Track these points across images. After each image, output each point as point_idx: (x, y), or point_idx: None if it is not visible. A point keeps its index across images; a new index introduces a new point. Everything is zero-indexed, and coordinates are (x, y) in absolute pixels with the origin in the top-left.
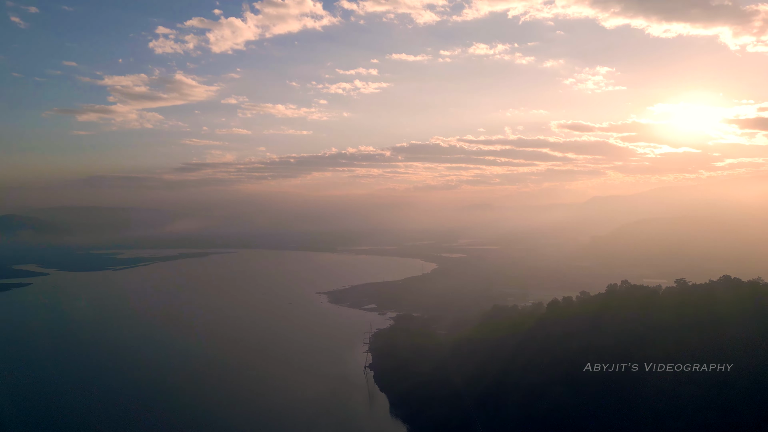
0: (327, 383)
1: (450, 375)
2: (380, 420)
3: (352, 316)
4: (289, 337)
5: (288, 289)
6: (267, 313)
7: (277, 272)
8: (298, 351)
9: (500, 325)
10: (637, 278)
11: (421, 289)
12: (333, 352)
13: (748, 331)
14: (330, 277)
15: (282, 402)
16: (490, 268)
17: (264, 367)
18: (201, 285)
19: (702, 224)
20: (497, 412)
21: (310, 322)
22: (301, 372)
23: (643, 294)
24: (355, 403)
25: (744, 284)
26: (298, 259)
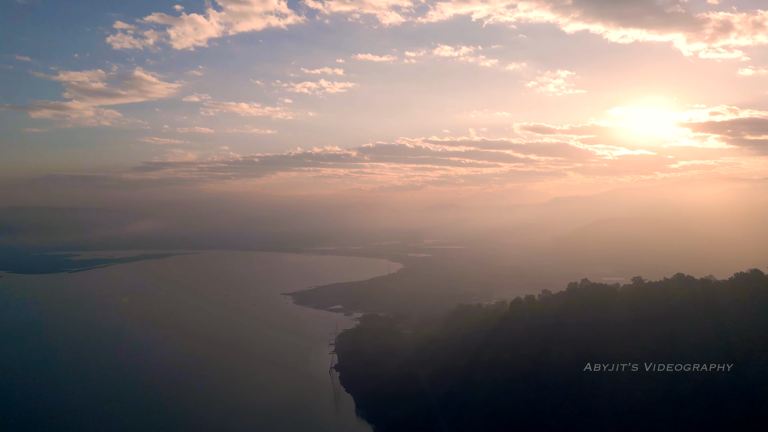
0: (292, 385)
1: (416, 374)
2: (346, 421)
3: (318, 317)
4: (253, 339)
5: (252, 290)
6: (229, 315)
7: (240, 273)
8: (261, 354)
9: (465, 323)
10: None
11: (388, 289)
12: (298, 354)
13: (700, 328)
14: (295, 278)
15: (245, 407)
16: (455, 267)
17: (225, 372)
18: (160, 287)
19: (657, 224)
20: (462, 410)
21: (275, 324)
22: (265, 375)
23: (602, 292)
24: (320, 405)
25: (696, 282)
26: (263, 260)
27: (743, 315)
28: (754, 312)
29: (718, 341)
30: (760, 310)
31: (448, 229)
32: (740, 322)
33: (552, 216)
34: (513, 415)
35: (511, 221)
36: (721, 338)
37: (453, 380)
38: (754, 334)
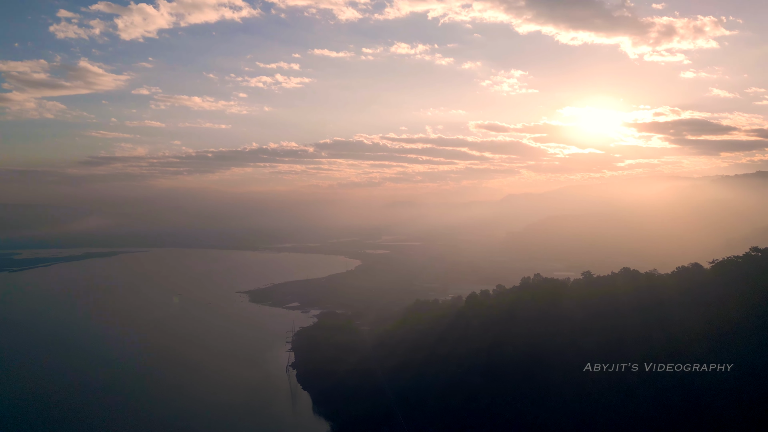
0: (247, 385)
1: (373, 370)
2: (303, 418)
3: (274, 315)
4: (206, 339)
5: (205, 289)
6: (181, 315)
7: (193, 272)
8: (216, 354)
9: (422, 319)
10: (549, 271)
11: (345, 285)
12: (254, 353)
13: (645, 319)
14: (251, 275)
15: (199, 408)
16: (412, 263)
17: (178, 373)
18: (107, 287)
19: (605, 220)
20: (418, 404)
21: (230, 323)
22: (219, 375)
23: (554, 286)
24: (277, 404)
25: (641, 275)
26: (217, 257)
27: (684, 306)
28: (694, 303)
29: (661, 332)
30: (699, 301)
31: (406, 225)
32: (681, 313)
33: (506, 213)
34: (468, 406)
35: (466, 218)
36: (664, 329)
37: (410, 375)
38: (694, 325)
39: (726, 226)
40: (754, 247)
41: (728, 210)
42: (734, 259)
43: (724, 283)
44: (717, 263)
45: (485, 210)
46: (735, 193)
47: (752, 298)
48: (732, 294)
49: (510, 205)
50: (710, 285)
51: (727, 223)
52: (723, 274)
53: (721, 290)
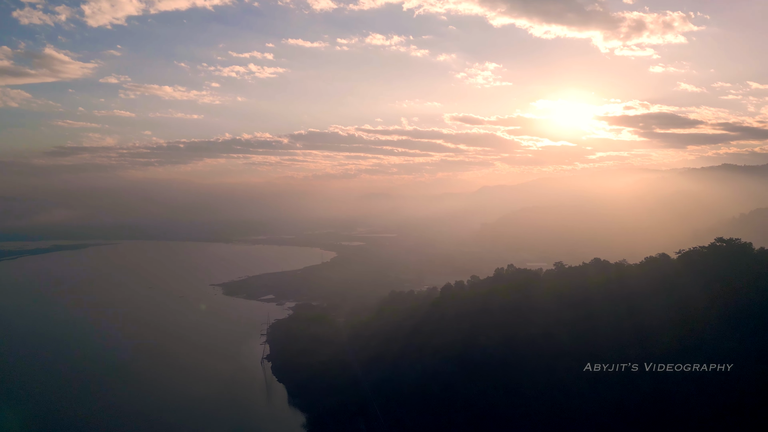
0: (222, 378)
1: (348, 361)
2: (278, 411)
3: (249, 307)
4: (180, 332)
5: (178, 282)
6: (153, 308)
7: (165, 264)
8: (189, 347)
9: (397, 310)
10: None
11: (321, 277)
12: (228, 346)
13: (615, 309)
14: (224, 268)
15: (173, 401)
16: (388, 255)
17: (150, 367)
18: (76, 280)
19: (577, 212)
20: (394, 395)
21: (203, 316)
22: (193, 369)
23: (527, 277)
24: (251, 396)
25: (611, 266)
26: (190, 250)
27: (652, 295)
28: (662, 293)
29: (630, 321)
30: (667, 290)
31: (382, 217)
32: (650, 302)
33: (480, 204)
34: (443, 396)
35: (441, 210)
36: (633, 318)
37: (385, 366)
38: (661, 314)
39: (692, 217)
40: (719, 238)
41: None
42: (700, 249)
43: (690, 273)
44: (683, 254)
45: (460, 202)
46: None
47: (716, 288)
48: (698, 283)
49: (484, 197)
50: (677, 275)
51: (694, 214)
52: (689, 264)
53: (687, 280)
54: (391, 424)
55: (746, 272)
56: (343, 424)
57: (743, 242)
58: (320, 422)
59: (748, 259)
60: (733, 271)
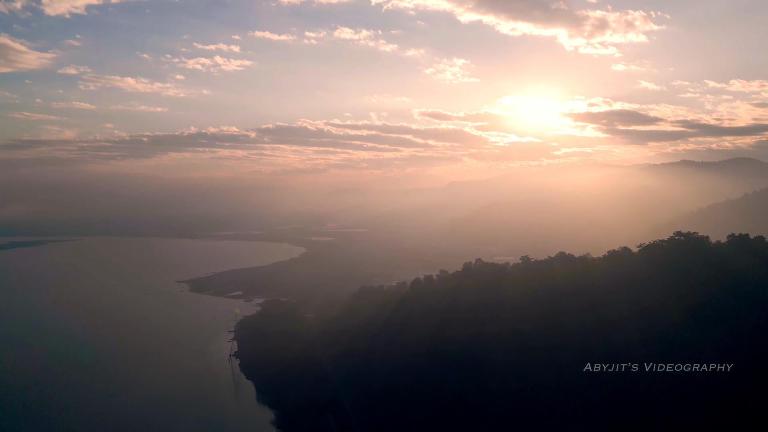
0: (189, 376)
1: (318, 357)
2: (246, 408)
3: (216, 304)
4: (145, 330)
5: (142, 279)
6: (117, 306)
7: (129, 261)
8: (155, 345)
9: (367, 305)
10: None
11: (290, 273)
12: (195, 343)
13: (578, 301)
14: (191, 264)
15: (139, 400)
16: (358, 250)
17: (114, 366)
18: (34, 277)
19: (543, 207)
20: (364, 389)
21: (169, 313)
22: (159, 367)
23: (494, 270)
24: (219, 394)
25: (576, 259)
26: (154, 246)
27: (615, 289)
28: (624, 285)
29: (593, 312)
30: (628, 283)
31: (352, 212)
32: (612, 295)
33: (449, 200)
34: (413, 389)
35: (411, 205)
36: (596, 309)
37: (355, 361)
38: (623, 306)
39: (653, 211)
40: (678, 232)
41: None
42: (659, 243)
43: (650, 266)
44: (644, 247)
45: (429, 197)
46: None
47: (675, 279)
48: (657, 275)
49: (453, 192)
50: (638, 267)
51: (654, 208)
52: (649, 257)
53: (647, 272)
54: (361, 418)
55: (703, 265)
56: (313, 419)
57: (700, 236)
58: (290, 418)
59: (705, 252)
60: (691, 264)
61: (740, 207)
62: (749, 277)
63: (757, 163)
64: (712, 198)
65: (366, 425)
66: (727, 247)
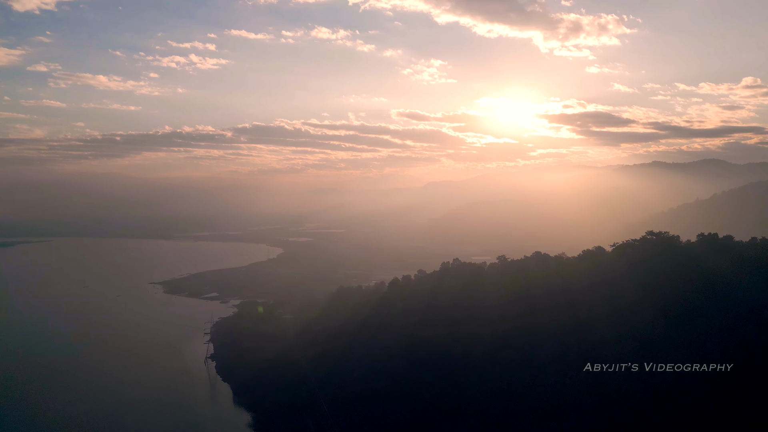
0: (164, 379)
1: (296, 358)
2: (223, 410)
3: (192, 306)
4: (118, 333)
5: (116, 280)
6: (89, 308)
7: (102, 262)
8: (129, 347)
9: (345, 305)
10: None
11: (267, 274)
12: (170, 346)
13: (554, 300)
14: (166, 265)
15: (111, 404)
16: (336, 251)
17: (87, 369)
18: (2, 280)
19: (520, 207)
20: (342, 390)
21: (144, 316)
22: (134, 369)
23: (471, 270)
24: (195, 397)
25: (551, 259)
26: (129, 247)
27: (589, 287)
28: (598, 284)
29: (568, 310)
30: (602, 282)
31: (330, 213)
32: (586, 293)
33: (427, 200)
34: (390, 390)
35: (389, 205)
36: (571, 308)
37: (333, 362)
38: (597, 304)
39: (626, 211)
40: (650, 231)
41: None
42: (632, 242)
43: (623, 265)
44: (617, 246)
45: (407, 197)
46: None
47: (648, 278)
48: (630, 275)
49: (431, 193)
50: (611, 266)
51: (627, 208)
52: (622, 257)
53: (621, 271)
54: (339, 419)
55: (674, 264)
56: (290, 421)
57: (671, 235)
58: (267, 420)
59: (676, 251)
60: (662, 263)
61: (709, 207)
62: (718, 276)
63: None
64: (683, 198)
65: (344, 426)
66: (697, 247)
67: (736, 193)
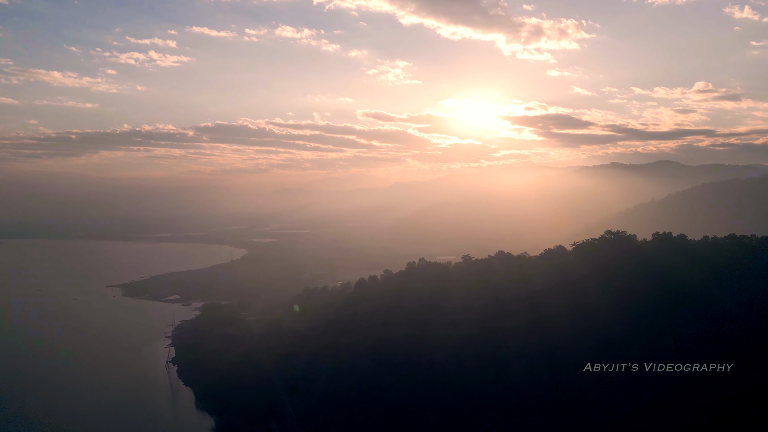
0: (123, 384)
1: (260, 360)
2: (185, 415)
3: (152, 309)
4: (73, 338)
5: (72, 283)
6: (43, 313)
7: (56, 265)
8: (85, 353)
9: (311, 307)
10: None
11: (230, 276)
12: (129, 350)
13: (517, 298)
14: (125, 268)
15: (66, 414)
16: (301, 251)
17: (42, 376)
18: None
19: (484, 207)
20: (307, 392)
21: (101, 320)
22: (89, 375)
23: (437, 270)
24: (156, 402)
25: (514, 258)
26: (85, 249)
27: (551, 285)
28: (559, 282)
29: (530, 308)
30: (563, 279)
31: (295, 213)
32: (548, 291)
33: (393, 200)
34: (356, 391)
35: (356, 205)
36: (533, 305)
37: (299, 363)
38: (558, 302)
39: (585, 211)
40: (608, 231)
41: (587, 197)
42: (592, 241)
43: (583, 263)
44: (577, 245)
45: (374, 198)
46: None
47: (606, 275)
48: (590, 273)
49: (397, 193)
50: (572, 265)
51: (586, 208)
52: (582, 255)
53: (581, 270)
54: (304, 422)
55: (631, 262)
56: (255, 424)
57: (628, 234)
58: (231, 424)
59: (633, 249)
60: (620, 261)
61: (664, 207)
62: (673, 273)
63: (678, 165)
64: (639, 198)
65: (309, 428)
66: (652, 245)
67: (688, 193)
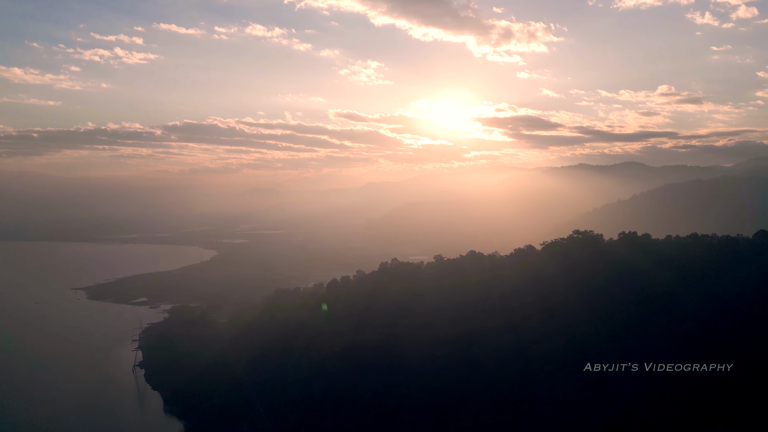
0: (88, 389)
1: (231, 363)
2: (153, 420)
3: (119, 312)
4: (36, 343)
5: (34, 286)
6: (2, 317)
7: (17, 267)
8: (48, 358)
9: (282, 308)
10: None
11: (200, 278)
12: (94, 355)
13: (488, 297)
14: (90, 270)
15: (31, 417)
16: (273, 252)
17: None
18: None
19: (455, 207)
20: (279, 394)
21: (65, 323)
22: (54, 381)
23: (409, 269)
24: (123, 407)
25: (485, 257)
26: (47, 251)
27: (521, 284)
28: (529, 281)
29: (501, 307)
30: (533, 279)
31: (266, 213)
32: (518, 290)
33: (366, 201)
34: (329, 391)
35: (328, 205)
36: (504, 305)
37: (270, 365)
38: (528, 300)
39: (554, 211)
40: (576, 230)
41: (556, 198)
42: (560, 241)
43: (552, 263)
44: (546, 245)
45: (346, 198)
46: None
47: (574, 274)
48: (559, 272)
49: (369, 193)
50: (541, 264)
51: (555, 209)
52: (551, 254)
53: (550, 269)
54: (276, 424)
55: (598, 261)
56: (225, 427)
57: (596, 234)
58: (200, 428)
59: (600, 248)
60: (588, 260)
61: (629, 207)
62: (638, 271)
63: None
64: (606, 198)
65: (281, 430)
66: (618, 244)
67: (653, 194)
